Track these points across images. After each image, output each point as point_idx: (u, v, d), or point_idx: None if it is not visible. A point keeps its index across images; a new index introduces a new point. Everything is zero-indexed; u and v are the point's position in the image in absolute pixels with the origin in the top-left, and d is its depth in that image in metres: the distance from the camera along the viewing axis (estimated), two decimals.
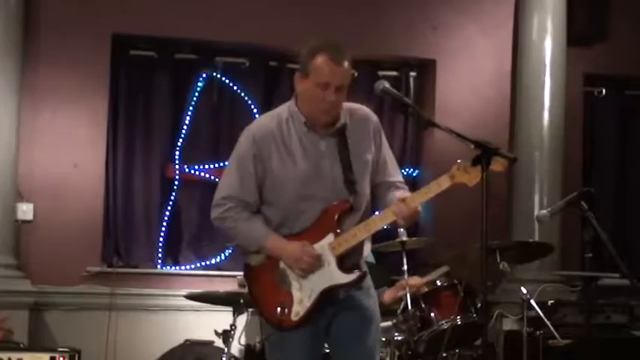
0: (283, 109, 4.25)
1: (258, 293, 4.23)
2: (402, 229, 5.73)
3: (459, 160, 4.02)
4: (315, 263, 4.08)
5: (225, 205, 4.18)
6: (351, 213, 4.14)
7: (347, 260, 4.14)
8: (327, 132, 4.16)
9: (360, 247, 4.19)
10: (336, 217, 4.11)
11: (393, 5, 8.11)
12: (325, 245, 4.11)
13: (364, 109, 4.29)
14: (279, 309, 4.09)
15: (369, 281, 4.29)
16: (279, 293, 4.12)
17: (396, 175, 4.32)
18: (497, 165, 3.99)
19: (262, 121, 4.28)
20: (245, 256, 4.26)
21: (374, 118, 4.27)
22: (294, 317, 4.10)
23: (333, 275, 4.10)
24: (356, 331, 4.19)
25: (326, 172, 4.14)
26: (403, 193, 4.18)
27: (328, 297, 4.11)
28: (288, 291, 4.12)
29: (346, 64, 4.13)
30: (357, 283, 4.16)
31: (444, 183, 4.04)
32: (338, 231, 4.11)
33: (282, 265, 4.14)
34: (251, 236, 4.18)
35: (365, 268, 4.24)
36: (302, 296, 4.10)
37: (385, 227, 4.18)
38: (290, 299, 4.11)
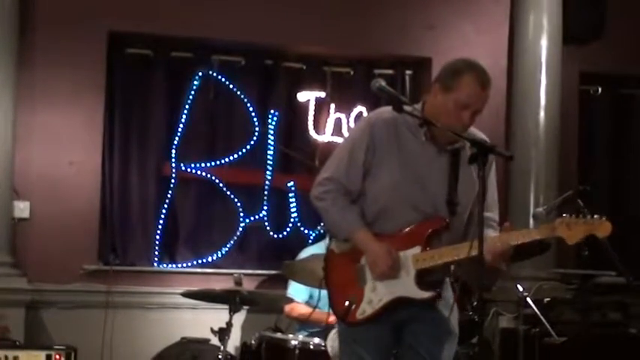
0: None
1: (332, 281, 4.22)
2: None
3: (564, 214, 3.99)
4: (391, 274, 4.05)
5: (327, 186, 4.16)
6: (444, 232, 4.12)
7: (427, 277, 4.11)
8: (444, 148, 4.13)
9: (444, 268, 4.15)
10: (429, 231, 4.10)
11: (389, 4, 8.11)
12: (409, 256, 4.09)
13: (482, 136, 4.19)
14: (347, 302, 4.09)
15: (448, 293, 4.28)
16: (353, 287, 4.12)
17: (494, 212, 4.28)
18: (601, 231, 4.00)
19: (384, 114, 4.20)
20: (331, 242, 4.26)
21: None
22: (359, 315, 4.10)
23: (408, 287, 4.08)
24: (434, 342, 4.19)
25: (432, 187, 4.11)
26: (496, 232, 4.15)
27: (398, 305, 4.10)
28: (362, 288, 4.11)
29: (489, 90, 4.11)
30: (428, 302, 4.13)
31: (543, 232, 4.03)
32: (427, 247, 4.09)
33: (363, 260, 4.13)
34: (343, 224, 4.15)
35: (441, 289, 4.19)
36: (373, 297, 4.09)
37: None
38: (361, 296, 4.10)
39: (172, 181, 7.83)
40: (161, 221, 7.77)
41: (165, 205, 7.80)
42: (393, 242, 4.09)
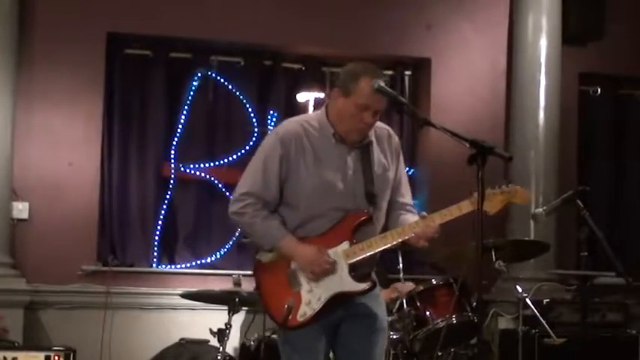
0: (312, 118, 4.34)
1: (266, 290, 4.26)
2: None
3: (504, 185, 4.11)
4: (329, 269, 4.13)
5: (245, 200, 4.22)
6: (368, 224, 4.23)
7: (359, 269, 4.21)
8: (354, 146, 4.26)
9: (373, 258, 4.24)
10: (353, 225, 4.20)
11: (388, 4, 8.11)
12: (339, 252, 4.17)
13: (388, 129, 4.41)
14: (286, 306, 4.12)
15: (377, 289, 4.35)
16: (288, 293, 4.17)
17: (408, 197, 4.45)
18: (519, 199, 4.16)
19: (289, 125, 4.32)
20: (257, 252, 4.29)
21: (396, 138, 4.41)
22: (299, 318, 4.14)
23: (343, 282, 4.17)
24: (366, 341, 4.27)
25: (349, 184, 4.22)
26: (414, 216, 4.30)
27: (336, 302, 4.17)
28: (297, 292, 4.17)
29: None
30: (366, 293, 4.22)
31: (465, 207, 4.16)
32: (354, 240, 4.18)
33: (293, 265, 4.19)
34: (267, 234, 4.22)
35: (375, 278, 4.30)
36: (311, 298, 4.15)
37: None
38: (298, 300, 4.15)
39: (171, 181, 7.83)
40: (160, 222, 7.78)
41: (164, 206, 7.81)
42: (321, 242, 4.18)
